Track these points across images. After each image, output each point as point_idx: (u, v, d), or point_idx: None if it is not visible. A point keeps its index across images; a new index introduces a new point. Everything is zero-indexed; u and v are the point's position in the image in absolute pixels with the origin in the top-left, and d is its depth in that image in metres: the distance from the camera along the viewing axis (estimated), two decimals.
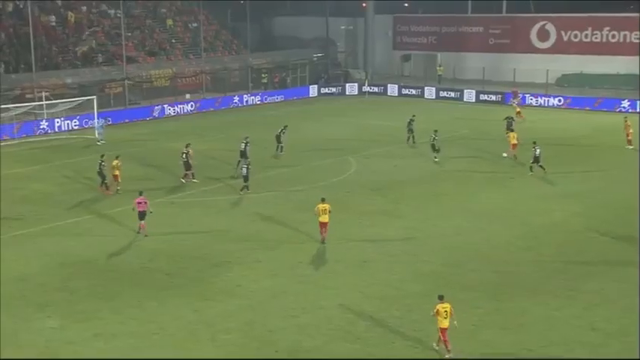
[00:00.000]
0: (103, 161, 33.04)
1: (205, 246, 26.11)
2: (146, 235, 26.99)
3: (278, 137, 41.35)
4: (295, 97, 64.41)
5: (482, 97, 60.78)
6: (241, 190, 32.71)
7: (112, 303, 21.40)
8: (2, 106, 44.90)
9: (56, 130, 47.73)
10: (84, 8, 62.78)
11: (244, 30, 66.35)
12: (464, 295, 21.65)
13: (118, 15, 60.32)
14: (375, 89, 65.86)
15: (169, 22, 68.10)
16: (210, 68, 63.13)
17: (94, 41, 59.70)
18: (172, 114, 55.34)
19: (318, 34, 72.60)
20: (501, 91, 60.40)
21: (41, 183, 34.93)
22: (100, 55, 59.10)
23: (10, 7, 57.95)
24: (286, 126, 42.22)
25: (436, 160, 38.72)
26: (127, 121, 52.18)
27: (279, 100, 63.61)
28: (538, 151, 35.53)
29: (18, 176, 36.34)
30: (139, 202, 27.23)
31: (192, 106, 57.29)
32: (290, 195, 32.75)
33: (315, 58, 71.93)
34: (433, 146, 39.15)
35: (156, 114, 54.34)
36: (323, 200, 26.63)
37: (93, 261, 24.57)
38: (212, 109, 58.07)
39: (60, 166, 38.26)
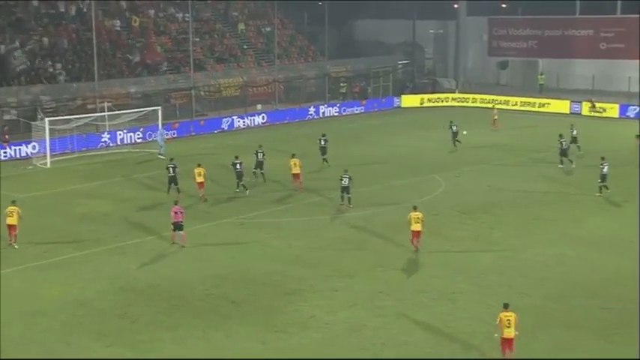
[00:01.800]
0: (175, 165, 35.58)
1: (276, 272, 26.27)
2: (184, 247, 28.17)
3: (324, 149, 42.37)
4: (377, 109, 64.47)
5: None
6: (342, 203, 33.79)
7: (174, 332, 21.73)
8: (62, 117, 46.51)
9: (118, 143, 49.14)
10: (152, 11, 64.55)
11: (322, 34, 66.97)
12: (568, 334, 21.08)
13: (186, 19, 61.81)
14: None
15: (241, 26, 69.31)
16: (283, 76, 63.89)
17: (158, 47, 61.27)
18: (242, 126, 56.18)
19: (404, 39, 72.56)
20: (615, 102, 58.81)
21: (101, 200, 35.93)
22: (165, 62, 60.60)
23: (72, 10, 60.14)
24: (324, 134, 43.31)
25: (573, 165, 40.53)
26: (193, 134, 53.27)
27: (358, 111, 63.79)
28: (605, 168, 35.41)
29: (76, 193, 37.48)
30: (175, 212, 28.24)
31: (263, 117, 58.04)
32: (370, 217, 32.70)
33: (400, 66, 71.87)
34: (564, 152, 40.46)
35: (224, 126, 55.28)
36: (415, 208, 28.13)
37: (155, 286, 25.05)
38: (285, 121, 58.69)
39: (121, 183, 39.31)
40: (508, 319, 19.36)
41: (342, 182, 34.05)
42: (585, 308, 23.06)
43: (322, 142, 43.07)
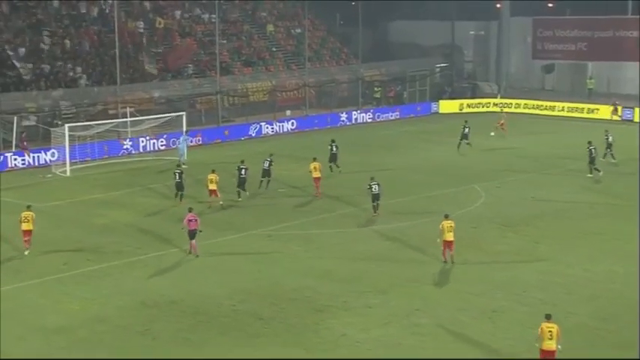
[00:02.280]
0: (182, 171, 36.82)
1: (306, 287, 26.29)
2: (197, 256, 28.84)
3: (334, 155, 42.91)
4: (413, 115, 64.37)
5: None
6: (375, 214, 34.25)
7: (198, 351, 21.81)
8: (82, 124, 47.01)
9: (140, 150, 49.55)
10: (177, 12, 65.06)
11: (355, 36, 67.02)
12: (617, 355, 20.81)
13: (213, 20, 62.25)
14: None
15: (270, 27, 69.66)
16: (314, 81, 64.03)
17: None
18: (270, 133, 56.38)
19: (442, 41, 72.35)
20: None
21: (122, 211, 36.24)
22: (190, 65, 61.06)
23: (95, 11, 60.86)
24: (333, 140, 43.79)
25: (600, 174, 40.47)
26: (218, 140, 53.56)
27: (393, 117, 63.73)
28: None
29: (97, 202, 37.84)
30: (190, 220, 28.84)
31: (293, 124, 58.21)
32: (404, 229, 32.64)
33: (438, 69, 71.72)
34: (593, 160, 40.40)
35: (252, 133, 55.50)
36: (447, 217, 28.35)
37: (178, 301, 25.19)
38: (316, 127, 58.79)
39: (143, 192, 39.60)
40: (550, 331, 19.45)
41: (373, 190, 34.35)
42: (635, 328, 22.76)
43: (333, 149, 43.50)
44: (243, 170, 37.36)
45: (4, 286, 26.30)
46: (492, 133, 53.24)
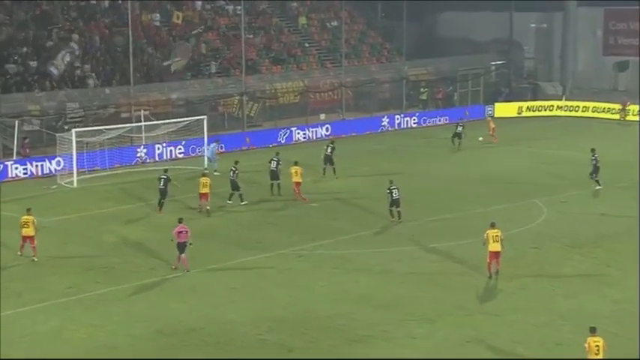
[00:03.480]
0: (167, 177, 38.50)
1: (341, 314, 26.34)
2: (188, 271, 29.54)
3: (329, 158, 44.09)
4: (464, 119, 64.03)
5: None
6: (392, 219, 35.88)
7: None
8: (92, 128, 47.47)
9: (156, 158, 49.95)
10: (198, 3, 65.56)
11: (399, 30, 67.12)
12: None
13: (238, 12, 62.66)
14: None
15: (302, 20, 69.99)
16: (352, 80, 64.19)
17: (203, 45, 62.19)
18: (302, 139, 56.59)
19: (499, 35, 72.17)
20: None
21: (135, 227, 36.56)
22: (212, 63, 61.49)
23: (106, 2, 61.59)
24: (333, 141, 45.65)
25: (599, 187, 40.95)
26: (244, 148, 53.80)
27: (442, 122, 63.61)
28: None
29: (107, 217, 38.20)
30: (180, 232, 29.59)
31: (327, 129, 58.36)
32: (453, 250, 32.59)
33: (494, 67, 71.54)
34: (597, 169, 40.94)
35: (281, 139, 55.75)
36: (493, 225, 28.97)
37: (198, 329, 25.35)
38: (353, 133, 58.88)
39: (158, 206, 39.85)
40: (597, 345, 20.31)
41: (393, 194, 35.67)
42: None
43: (329, 150, 44.59)
44: (232, 172, 39.43)
45: (3, 310, 26.64)
46: (480, 138, 53.93)
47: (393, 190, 36.02)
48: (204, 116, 49.75)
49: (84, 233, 35.40)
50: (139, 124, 50.34)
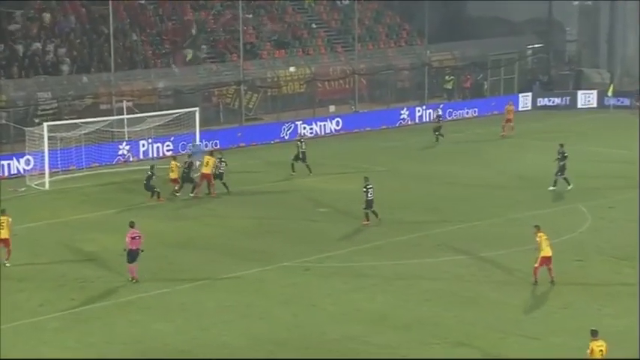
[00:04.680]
0: (153, 173, 40.84)
1: (353, 337, 26.22)
2: (136, 281, 30.22)
3: (304, 154, 45.62)
4: (496, 112, 64.04)
5: None
6: (367, 222, 36.76)
7: None
8: (67, 122, 47.45)
9: (141, 156, 49.92)
10: None
11: (420, 9, 66.96)
12: None
13: None
14: (626, 101, 64.28)
15: None
16: (366, 67, 64.11)
17: (192, 30, 62.04)
18: (309, 134, 56.48)
19: (536, 15, 72.04)
20: None
21: (115, 235, 36.35)
22: (204, 47, 61.42)
23: None
24: (302, 135, 48.06)
25: (569, 187, 41.99)
26: (242, 145, 53.79)
27: (470, 115, 63.55)
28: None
29: (83, 224, 38.17)
30: (133, 238, 30.34)
31: (338, 123, 58.31)
32: (484, 262, 32.47)
33: (530, 52, 71.38)
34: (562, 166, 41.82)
35: (285, 135, 55.69)
36: (539, 228, 29.60)
37: (187, 352, 25.27)
38: (367, 128, 58.79)
39: (143, 211, 39.84)
40: (601, 350, 21.37)
41: (369, 195, 36.52)
42: None
43: (303, 146, 45.68)
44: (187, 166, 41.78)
45: None
46: (503, 133, 54.53)
47: (369, 190, 36.60)
48: (196, 108, 49.72)
49: (57, 242, 35.36)
50: (121, 117, 50.28)
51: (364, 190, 36.73)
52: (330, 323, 27.30)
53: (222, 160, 42.52)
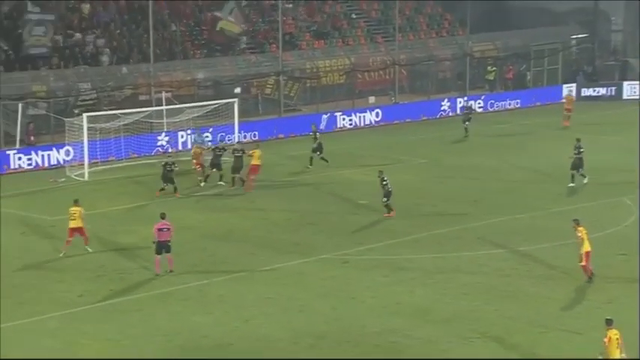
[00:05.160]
0: (173, 164, 40.75)
1: (393, 330, 26.23)
2: (171, 271, 30.30)
3: (320, 146, 45.52)
4: (539, 103, 63.74)
5: None
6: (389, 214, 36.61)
7: None
8: (106, 113, 47.72)
9: (179, 147, 50.11)
10: None
11: None
12: None
13: None
14: None
15: None
16: (406, 57, 63.96)
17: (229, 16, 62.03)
18: (348, 126, 56.53)
19: (581, 4, 71.47)
20: None
21: (153, 226, 36.67)
22: (243, 37, 61.46)
23: None
24: (314, 124, 48.11)
25: (585, 181, 41.34)
26: (281, 136, 53.89)
27: (512, 106, 63.28)
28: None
29: (122, 215, 38.44)
30: (160, 229, 30.34)
31: (377, 114, 58.26)
32: (524, 256, 32.34)
33: (574, 42, 70.86)
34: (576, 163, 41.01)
35: (323, 126, 55.67)
36: (577, 222, 29.60)
37: (226, 345, 25.37)
38: (408, 119, 58.68)
39: (182, 202, 40.05)
40: (617, 338, 21.54)
41: (388, 186, 36.65)
42: None
43: (317, 136, 46.04)
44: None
45: (3, 322, 26.83)
46: (566, 124, 54.51)
47: (386, 182, 36.81)
48: (235, 99, 49.82)
49: (96, 233, 35.53)
50: (160, 107, 50.47)
51: (384, 182, 36.80)
52: (370, 316, 27.31)
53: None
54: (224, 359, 24.29)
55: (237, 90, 47.19)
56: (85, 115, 45.49)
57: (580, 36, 71.12)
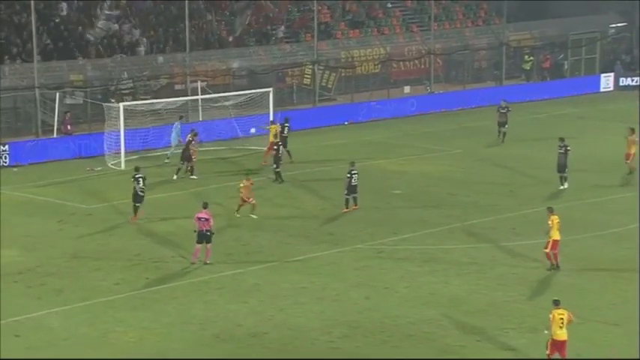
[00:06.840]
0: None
1: (427, 320, 26.29)
2: (208, 263, 30.46)
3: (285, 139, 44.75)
4: (576, 93, 63.35)
5: None
6: (347, 209, 36.33)
7: None
8: (143, 102, 47.93)
9: (215, 137, 50.03)
10: None
11: None
12: None
13: None
14: None
15: None
16: (442, 47, 63.75)
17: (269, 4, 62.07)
18: (383, 116, 56.39)
19: None
20: None
21: (189, 215, 36.71)
22: (279, 26, 61.53)
23: None
24: (287, 119, 46.24)
25: (565, 185, 39.92)
26: (317, 126, 53.82)
27: (548, 96, 62.81)
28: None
29: (158, 204, 38.55)
30: (199, 218, 30.45)
31: (412, 104, 58.12)
32: (561, 247, 32.13)
33: (613, 31, 70.31)
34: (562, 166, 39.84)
35: (359, 116, 55.65)
36: (551, 210, 30.09)
37: (260, 335, 25.53)
38: (443, 109, 58.54)
39: (217, 192, 40.14)
40: (561, 318, 22.70)
41: (353, 180, 36.21)
42: None
43: (285, 131, 45.29)
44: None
45: (40, 310, 27.16)
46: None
47: (354, 175, 36.42)
48: (270, 89, 49.82)
49: (132, 223, 35.81)
50: (196, 97, 50.60)
51: (348, 175, 36.46)
52: (404, 306, 27.38)
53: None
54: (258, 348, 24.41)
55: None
56: (121, 104, 45.71)
57: (618, 25, 70.53)
